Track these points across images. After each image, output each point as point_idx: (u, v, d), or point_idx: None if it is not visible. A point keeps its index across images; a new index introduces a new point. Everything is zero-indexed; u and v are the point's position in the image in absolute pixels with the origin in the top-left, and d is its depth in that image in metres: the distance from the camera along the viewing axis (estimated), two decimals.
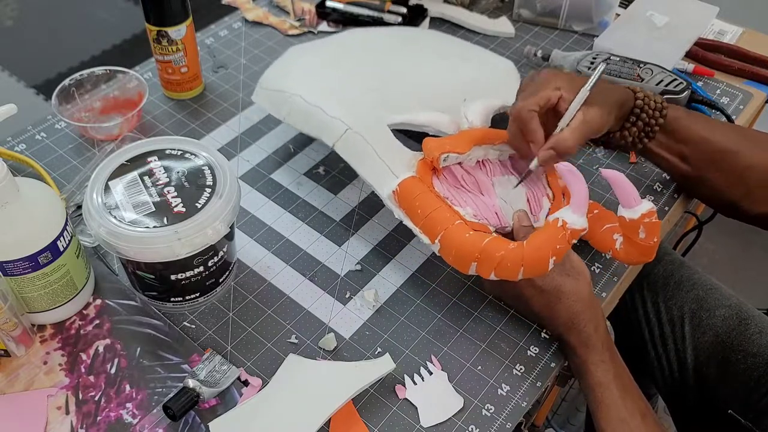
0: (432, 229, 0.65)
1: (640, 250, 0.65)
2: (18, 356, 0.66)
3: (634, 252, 0.66)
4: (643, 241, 0.65)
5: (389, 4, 1.03)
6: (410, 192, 0.68)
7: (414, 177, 0.69)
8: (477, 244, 0.63)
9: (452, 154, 0.69)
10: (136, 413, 0.63)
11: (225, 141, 0.88)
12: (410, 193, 0.68)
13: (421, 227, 0.67)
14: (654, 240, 0.65)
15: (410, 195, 0.67)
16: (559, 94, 0.68)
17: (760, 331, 0.83)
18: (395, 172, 0.70)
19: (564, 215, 0.61)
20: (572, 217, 0.61)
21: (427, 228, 0.66)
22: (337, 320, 0.70)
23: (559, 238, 0.60)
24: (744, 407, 0.82)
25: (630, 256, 0.67)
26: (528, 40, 1.04)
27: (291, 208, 0.80)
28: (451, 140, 0.70)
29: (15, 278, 0.62)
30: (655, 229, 0.64)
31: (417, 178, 0.69)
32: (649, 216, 0.63)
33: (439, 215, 0.65)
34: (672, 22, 1.01)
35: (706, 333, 0.86)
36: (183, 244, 0.61)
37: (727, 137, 0.74)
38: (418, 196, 0.67)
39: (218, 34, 1.04)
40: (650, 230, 0.64)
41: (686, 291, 0.89)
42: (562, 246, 0.61)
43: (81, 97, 0.88)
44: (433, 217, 0.65)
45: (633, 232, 0.65)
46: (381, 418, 0.63)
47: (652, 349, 0.92)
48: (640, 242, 0.65)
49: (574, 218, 0.61)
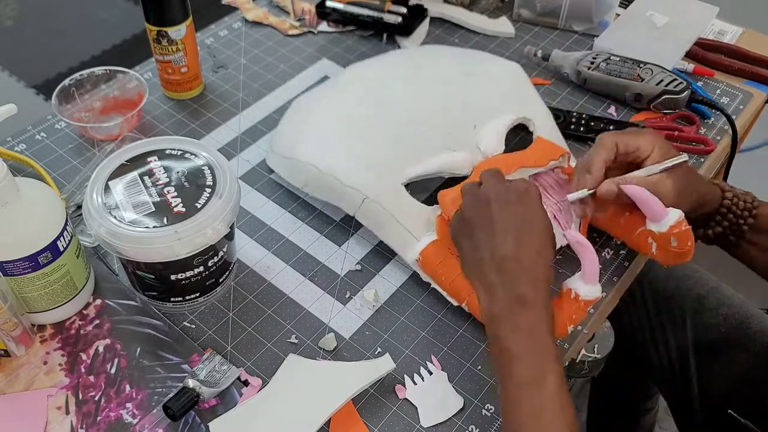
0: (458, 294, 0.68)
1: (675, 255, 0.67)
2: (18, 356, 0.66)
3: (670, 256, 0.67)
4: (676, 248, 0.65)
5: (389, 4, 1.03)
6: (432, 260, 0.69)
7: (434, 242, 0.70)
8: None
9: None
10: (136, 413, 0.63)
11: (225, 141, 0.88)
12: (432, 261, 0.69)
13: (449, 293, 0.69)
14: (689, 244, 0.65)
15: (433, 263, 0.69)
16: (651, 150, 0.66)
17: (762, 330, 0.83)
18: (416, 236, 0.71)
19: (577, 287, 0.62)
20: (585, 288, 0.62)
21: (453, 293, 0.69)
22: (337, 320, 0.70)
23: (574, 310, 0.62)
24: (745, 407, 0.82)
25: (668, 260, 0.68)
26: (528, 40, 1.04)
27: (291, 208, 0.80)
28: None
29: (15, 278, 0.62)
30: (686, 236, 0.65)
31: (437, 243, 0.70)
32: (678, 226, 0.64)
33: (462, 281, 0.67)
34: (672, 22, 1.01)
35: (707, 332, 0.86)
36: (183, 244, 0.61)
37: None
38: (440, 263, 0.69)
39: (218, 34, 1.04)
40: (681, 238, 0.65)
41: (687, 290, 0.89)
42: (577, 315, 0.62)
43: (81, 97, 0.88)
44: (457, 284, 0.68)
45: (665, 243, 0.66)
46: (381, 418, 0.63)
47: (652, 348, 0.92)
48: (674, 250, 0.66)
49: (588, 290, 0.62)
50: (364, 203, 0.73)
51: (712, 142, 0.87)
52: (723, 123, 0.91)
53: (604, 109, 0.93)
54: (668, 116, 0.91)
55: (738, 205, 0.71)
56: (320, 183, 0.76)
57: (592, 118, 0.89)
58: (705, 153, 0.87)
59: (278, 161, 0.81)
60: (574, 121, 0.88)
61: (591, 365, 0.83)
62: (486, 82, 0.85)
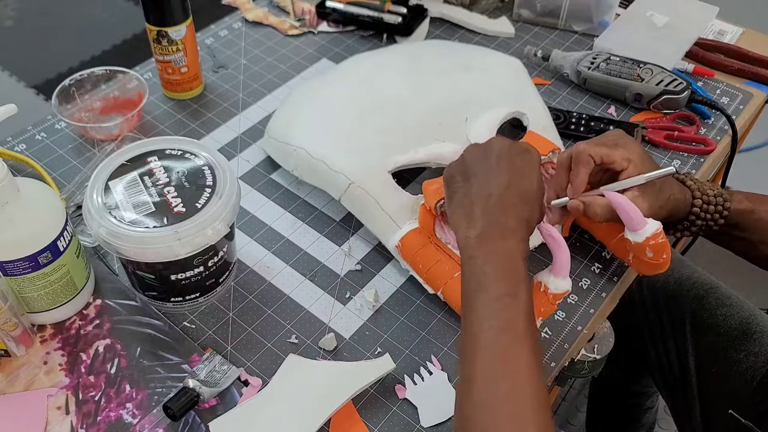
0: (434, 282, 0.69)
1: (650, 266, 0.67)
2: (18, 356, 0.66)
3: (645, 267, 0.68)
4: (651, 260, 0.66)
5: (389, 5, 1.03)
6: (411, 246, 0.70)
7: (414, 230, 0.71)
8: None
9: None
10: (136, 413, 0.63)
11: (225, 141, 0.88)
12: (412, 249, 0.70)
13: (425, 280, 0.70)
14: (663, 257, 0.66)
15: (412, 249, 0.70)
16: (626, 165, 0.66)
17: (762, 330, 0.83)
18: (398, 223, 0.72)
19: (546, 280, 0.62)
20: (554, 282, 0.62)
21: (429, 281, 0.69)
22: (337, 320, 0.70)
23: (543, 303, 0.63)
24: (745, 407, 0.82)
25: (641, 269, 0.69)
26: (528, 40, 1.04)
27: (291, 208, 0.80)
28: None
29: (15, 278, 0.62)
30: (662, 248, 0.65)
31: (417, 230, 0.71)
32: (654, 238, 0.64)
33: (438, 270, 0.68)
34: (672, 22, 1.01)
35: (706, 332, 0.86)
36: (183, 244, 0.61)
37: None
38: (418, 251, 0.70)
39: (218, 34, 1.04)
40: (657, 250, 0.65)
41: (686, 290, 0.89)
42: (546, 309, 0.63)
43: (81, 97, 0.88)
44: (433, 272, 0.69)
45: (640, 253, 0.66)
46: (381, 418, 0.63)
47: (652, 348, 0.92)
48: (649, 260, 0.66)
49: (558, 283, 0.62)
50: (349, 188, 0.74)
51: (712, 142, 0.87)
52: (723, 123, 0.91)
53: (604, 109, 0.93)
54: (668, 116, 0.91)
55: (708, 210, 0.71)
56: (309, 167, 0.77)
57: (592, 118, 0.89)
58: (705, 153, 0.87)
59: (272, 144, 0.83)
60: (574, 121, 0.88)
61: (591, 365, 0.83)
62: (483, 75, 0.86)
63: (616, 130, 0.70)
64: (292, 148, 0.79)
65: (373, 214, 0.73)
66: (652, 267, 0.67)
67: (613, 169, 0.67)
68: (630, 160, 0.66)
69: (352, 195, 0.74)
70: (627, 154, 0.66)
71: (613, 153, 0.66)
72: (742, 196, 0.72)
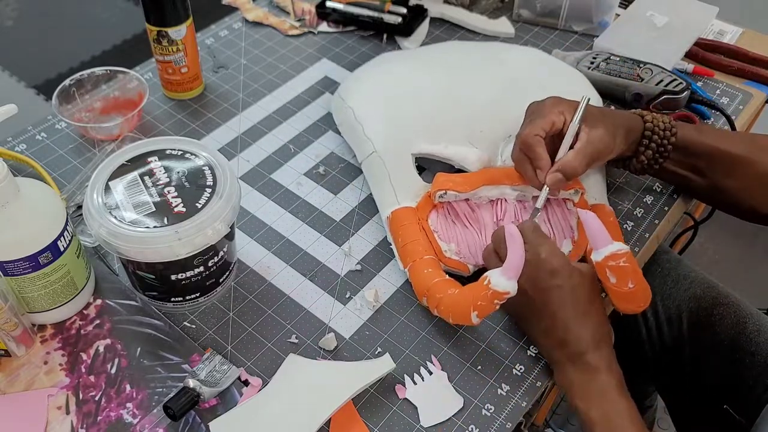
0: (405, 258, 0.71)
1: (620, 296, 0.62)
2: (18, 356, 0.66)
3: (617, 298, 0.63)
4: (616, 287, 0.61)
5: (389, 5, 1.03)
6: (399, 220, 0.72)
7: (409, 207, 0.73)
8: (427, 282, 0.67)
9: (451, 192, 0.71)
10: (136, 413, 0.63)
11: (225, 141, 0.88)
12: (399, 222, 0.72)
13: (399, 254, 0.72)
14: (630, 285, 0.61)
15: (398, 223, 0.72)
16: (563, 118, 0.68)
17: (759, 330, 0.84)
18: (399, 199, 0.74)
19: (492, 275, 0.61)
20: (499, 279, 0.60)
21: (402, 256, 0.72)
22: (337, 320, 0.70)
23: (481, 296, 0.62)
24: (743, 406, 0.82)
25: (617, 302, 0.63)
26: (528, 40, 1.04)
27: (291, 208, 0.81)
28: (462, 178, 0.73)
29: (15, 278, 0.62)
30: (624, 274, 0.60)
31: (411, 209, 0.73)
32: (613, 258, 0.60)
33: (412, 247, 0.70)
34: (672, 22, 1.01)
35: (704, 332, 0.86)
36: (183, 244, 0.61)
37: (740, 146, 0.73)
38: (403, 225, 0.72)
39: (218, 34, 1.04)
40: (620, 275, 0.61)
41: (684, 290, 0.89)
42: (483, 303, 0.62)
43: (81, 97, 0.88)
44: (408, 248, 0.71)
45: (603, 277, 0.62)
46: (381, 418, 0.63)
47: (650, 348, 0.92)
48: (615, 288, 0.62)
49: (500, 281, 0.60)
50: (371, 155, 0.79)
51: None
52: (723, 123, 0.91)
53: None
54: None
55: (659, 126, 0.73)
56: (350, 126, 0.83)
57: None
58: None
59: (335, 100, 0.89)
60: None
61: None
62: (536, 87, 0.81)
63: (529, 105, 0.73)
64: (345, 106, 0.85)
65: (382, 185, 0.76)
66: (623, 298, 0.62)
67: (557, 129, 0.69)
68: (561, 112, 0.69)
69: (372, 163, 0.78)
70: (555, 110, 0.69)
71: (547, 118, 0.69)
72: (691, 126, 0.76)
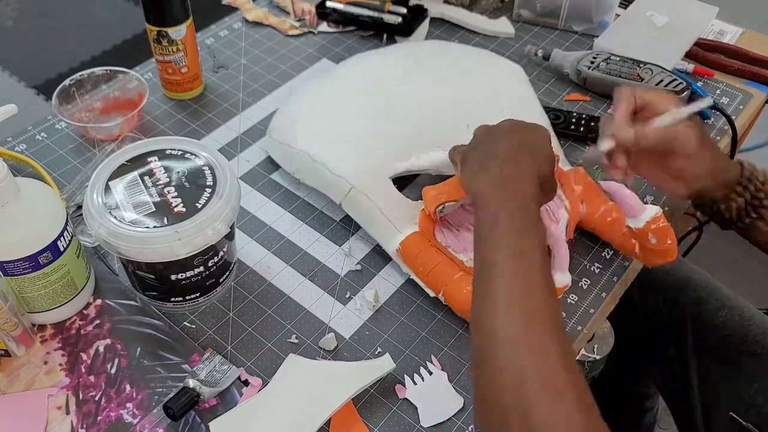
0: (435, 284, 0.69)
1: (657, 253, 0.68)
2: (18, 356, 0.66)
3: (652, 256, 0.68)
4: (656, 246, 0.66)
5: (389, 5, 1.03)
6: (412, 250, 0.70)
7: (415, 233, 0.71)
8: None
9: (448, 203, 0.70)
10: (136, 413, 0.63)
11: (225, 141, 0.88)
12: (412, 251, 0.70)
13: (426, 283, 0.70)
14: (668, 242, 0.66)
15: (412, 253, 0.70)
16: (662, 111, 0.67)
17: (763, 332, 0.83)
18: (399, 227, 0.72)
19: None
20: (557, 276, 0.66)
21: (430, 284, 0.69)
22: (337, 320, 0.70)
23: None
24: (747, 409, 0.82)
25: (650, 260, 0.69)
26: (528, 40, 1.04)
27: (291, 208, 0.80)
28: (449, 186, 0.70)
29: (15, 278, 0.62)
30: (664, 233, 0.66)
31: (418, 234, 0.71)
32: (655, 222, 0.65)
33: (439, 271, 0.68)
34: (672, 22, 1.01)
35: (707, 334, 0.86)
36: (183, 244, 0.61)
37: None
38: (419, 253, 0.70)
39: (218, 34, 1.04)
40: (660, 235, 0.66)
41: (687, 292, 0.89)
42: None
43: (81, 97, 0.88)
44: (435, 274, 0.69)
45: (644, 239, 0.67)
46: (381, 418, 0.63)
47: (652, 349, 0.92)
48: (654, 247, 0.67)
49: (557, 277, 0.66)
50: (350, 192, 0.74)
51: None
52: (723, 123, 0.91)
53: (604, 109, 0.93)
54: None
55: (757, 176, 0.70)
56: (310, 170, 0.78)
57: (592, 119, 0.89)
58: None
59: (273, 146, 0.84)
60: (574, 121, 0.88)
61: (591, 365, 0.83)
62: (483, 82, 0.86)
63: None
64: (295, 151, 0.79)
65: (373, 218, 0.73)
66: (659, 255, 0.67)
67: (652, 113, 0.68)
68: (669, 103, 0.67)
69: (353, 199, 0.74)
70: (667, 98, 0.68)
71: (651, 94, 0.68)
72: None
